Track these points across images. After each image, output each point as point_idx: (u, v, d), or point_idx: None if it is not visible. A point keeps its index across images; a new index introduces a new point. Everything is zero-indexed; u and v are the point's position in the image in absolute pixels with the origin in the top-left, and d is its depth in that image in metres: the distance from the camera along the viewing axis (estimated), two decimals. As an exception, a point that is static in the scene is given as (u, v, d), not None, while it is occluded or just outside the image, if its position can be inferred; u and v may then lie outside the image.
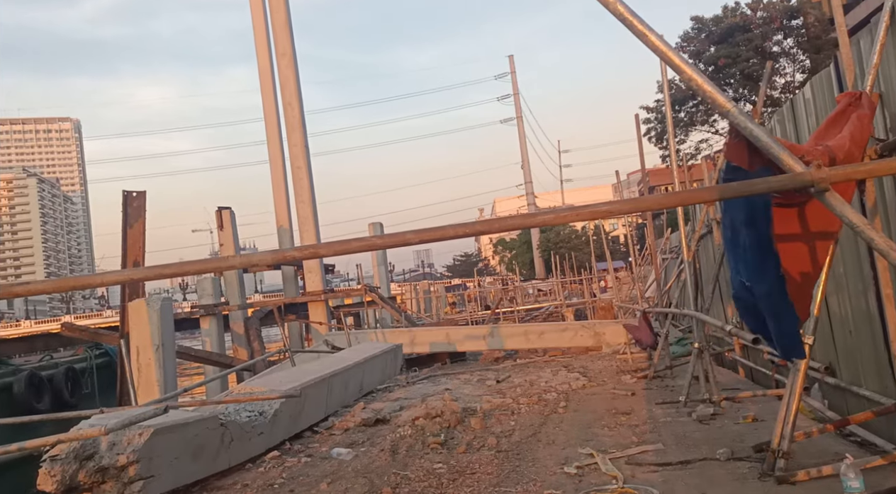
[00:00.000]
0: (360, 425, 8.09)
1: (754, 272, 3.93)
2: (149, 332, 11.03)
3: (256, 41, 24.49)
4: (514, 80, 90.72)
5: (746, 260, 3.90)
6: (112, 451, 5.06)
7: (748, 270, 3.92)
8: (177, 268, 2.86)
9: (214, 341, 20.44)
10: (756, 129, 2.64)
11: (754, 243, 3.56)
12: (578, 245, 65.89)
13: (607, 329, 15.02)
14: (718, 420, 6.63)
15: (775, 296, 3.82)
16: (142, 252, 16.07)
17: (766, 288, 3.75)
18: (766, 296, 4.02)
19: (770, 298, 3.99)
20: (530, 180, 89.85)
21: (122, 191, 16.52)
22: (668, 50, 2.73)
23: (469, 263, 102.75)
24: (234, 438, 6.34)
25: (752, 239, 3.56)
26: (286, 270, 22.99)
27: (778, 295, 3.75)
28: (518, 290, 44.09)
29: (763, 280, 3.70)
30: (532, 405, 8.66)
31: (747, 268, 3.94)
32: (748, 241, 3.61)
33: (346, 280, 73.63)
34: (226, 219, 21.31)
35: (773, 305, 4.02)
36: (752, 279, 3.91)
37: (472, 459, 6.06)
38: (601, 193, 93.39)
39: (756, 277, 3.83)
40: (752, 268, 3.97)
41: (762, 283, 3.76)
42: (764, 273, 3.67)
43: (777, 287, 3.70)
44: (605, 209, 2.96)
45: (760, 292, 3.90)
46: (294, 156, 22.59)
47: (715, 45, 36.23)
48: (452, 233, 2.82)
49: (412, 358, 15.93)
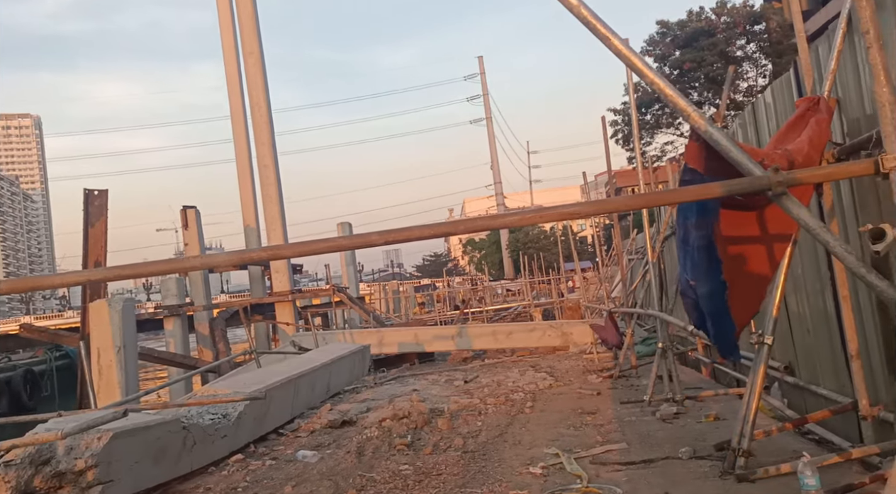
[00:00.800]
0: (327, 427, 8.03)
1: (699, 273, 4.01)
2: (110, 333, 10.81)
3: (223, 39, 24.13)
4: (484, 80, 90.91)
5: (694, 259, 3.98)
6: (70, 456, 4.94)
7: (694, 270, 4.00)
8: (137, 269, 2.80)
9: (179, 342, 20.09)
10: (716, 133, 2.68)
11: (702, 246, 3.63)
12: (547, 245, 66.32)
13: (574, 329, 15.14)
14: (681, 418, 6.72)
15: (716, 299, 3.91)
16: (103, 251, 15.77)
17: (707, 289, 3.84)
18: (707, 297, 4.12)
19: (710, 300, 4.08)
20: (500, 180, 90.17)
21: (84, 190, 16.20)
22: (631, 54, 2.75)
23: (438, 263, 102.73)
24: (197, 441, 6.24)
25: (701, 241, 3.63)
26: (253, 270, 22.73)
27: (718, 298, 3.83)
28: (487, 290, 44.24)
29: (706, 281, 3.78)
30: (499, 405, 8.68)
31: (694, 268, 4.02)
32: (697, 243, 3.68)
33: (314, 280, 73.01)
34: (190, 219, 20.98)
35: (714, 307, 4.12)
36: (697, 279, 4.00)
37: (439, 460, 6.05)
38: (570, 194, 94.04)
39: (700, 278, 3.91)
40: (697, 269, 4.05)
41: (705, 284, 3.84)
42: (708, 275, 3.75)
43: (718, 291, 3.78)
44: (570, 210, 2.98)
45: (702, 292, 3.98)
46: (261, 154, 22.33)
47: (680, 48, 36.72)
48: (418, 233, 2.81)
49: (380, 358, 15.87)
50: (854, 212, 4.61)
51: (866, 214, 4.39)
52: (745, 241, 3.73)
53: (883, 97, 2.41)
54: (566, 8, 2.83)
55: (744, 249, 3.89)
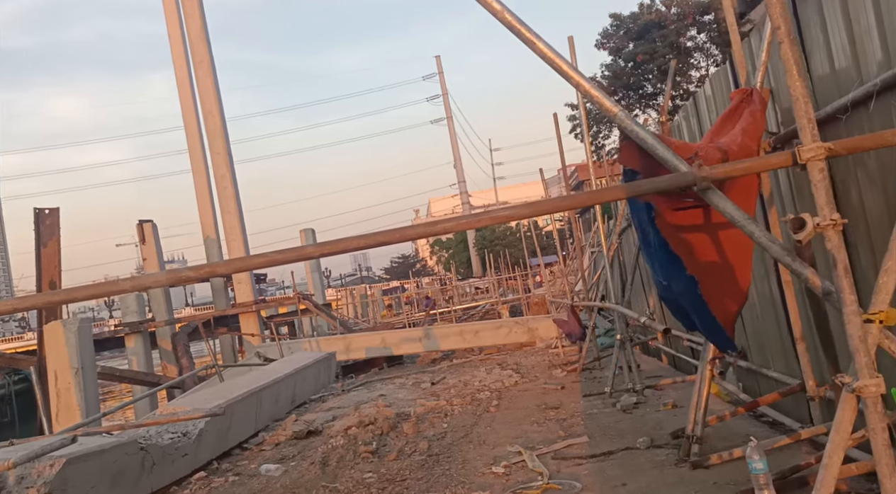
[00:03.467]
0: (292, 438, 7.96)
1: (668, 270, 3.98)
2: (66, 355, 10.56)
3: (172, 49, 23.77)
4: (443, 80, 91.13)
5: (660, 258, 3.96)
6: (21, 485, 4.81)
7: (662, 269, 3.98)
8: (65, 295, 2.74)
9: (141, 359, 19.71)
10: (642, 132, 2.72)
11: (662, 244, 3.60)
12: (513, 241, 66.62)
13: (540, 324, 15.25)
14: (641, 408, 6.82)
15: (690, 295, 3.87)
16: (57, 271, 15.38)
17: (681, 285, 3.80)
18: (683, 294, 4.07)
19: (686, 295, 4.02)
20: (463, 179, 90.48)
21: (34, 209, 15.78)
22: (556, 56, 2.78)
23: (407, 264, 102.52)
24: (156, 461, 6.13)
25: (659, 239, 3.61)
26: (215, 282, 22.40)
27: (692, 294, 3.79)
28: (455, 289, 44.28)
29: (677, 278, 3.75)
30: (465, 405, 8.70)
31: (662, 267, 4.00)
32: (656, 242, 3.66)
33: (281, 287, 72.27)
34: (148, 233, 20.61)
35: (692, 303, 4.06)
36: (668, 277, 3.96)
37: (403, 465, 6.05)
38: (533, 190, 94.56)
39: (671, 275, 3.88)
40: (665, 267, 4.02)
41: (678, 281, 3.80)
42: (676, 271, 3.70)
43: (689, 287, 3.73)
44: (505, 214, 3.00)
45: (678, 289, 3.95)
46: (217, 164, 22.05)
47: (633, 41, 37.18)
48: (354, 244, 2.80)
49: (348, 364, 15.80)
50: (792, 199, 4.72)
51: (803, 201, 4.51)
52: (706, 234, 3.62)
53: (797, 91, 2.47)
54: (490, 13, 2.84)
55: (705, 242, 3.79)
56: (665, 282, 4.19)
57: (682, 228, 3.81)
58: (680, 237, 3.53)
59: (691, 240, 3.81)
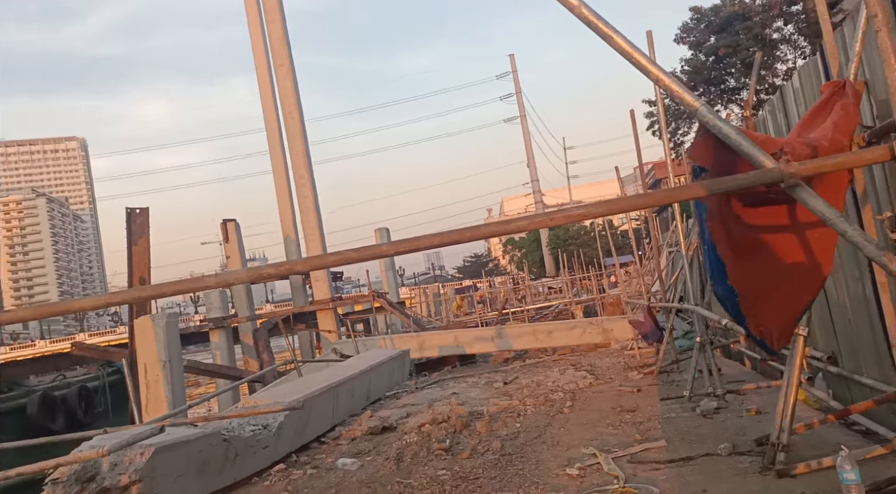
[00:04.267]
0: (367, 434, 8.10)
1: (713, 273, 3.85)
2: (155, 349, 11.08)
3: (255, 53, 24.56)
4: (516, 78, 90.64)
5: (709, 259, 3.83)
6: (114, 472, 5.08)
7: (710, 270, 3.86)
8: (154, 290, 2.88)
9: (224, 354, 20.50)
10: (724, 127, 2.63)
11: (712, 245, 3.45)
12: (588, 241, 65.66)
13: (615, 325, 14.96)
14: (722, 413, 6.60)
15: (730, 303, 3.70)
16: (147, 268, 16.17)
17: (723, 292, 3.66)
18: (723, 300, 3.91)
19: (726, 304, 3.85)
20: (536, 178, 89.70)
21: (126, 209, 16.64)
22: (634, 51, 2.72)
23: (479, 264, 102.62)
24: (239, 453, 6.36)
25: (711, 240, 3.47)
26: (294, 279, 23.02)
27: (731, 303, 3.62)
28: (528, 289, 44.00)
29: (720, 283, 3.61)
30: (538, 406, 8.64)
31: (710, 268, 3.89)
32: (709, 241, 3.53)
33: (356, 285, 73.71)
34: (231, 232, 21.38)
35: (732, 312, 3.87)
36: (713, 279, 3.85)
37: (476, 464, 6.06)
38: (607, 188, 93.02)
39: (715, 278, 3.75)
40: (711, 268, 3.89)
41: (720, 286, 3.67)
42: (720, 276, 3.54)
43: (729, 295, 3.56)
44: (579, 213, 2.96)
45: (719, 294, 3.83)
46: (296, 165, 22.64)
47: (715, 34, 36.02)
48: (428, 243, 2.83)
49: (421, 362, 15.93)
50: (888, 196, 4.46)
51: (901, 198, 4.25)
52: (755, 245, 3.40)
53: (895, 82, 2.33)
54: (566, 8, 2.81)
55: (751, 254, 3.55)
56: (712, 283, 4.08)
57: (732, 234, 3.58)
58: (728, 242, 3.37)
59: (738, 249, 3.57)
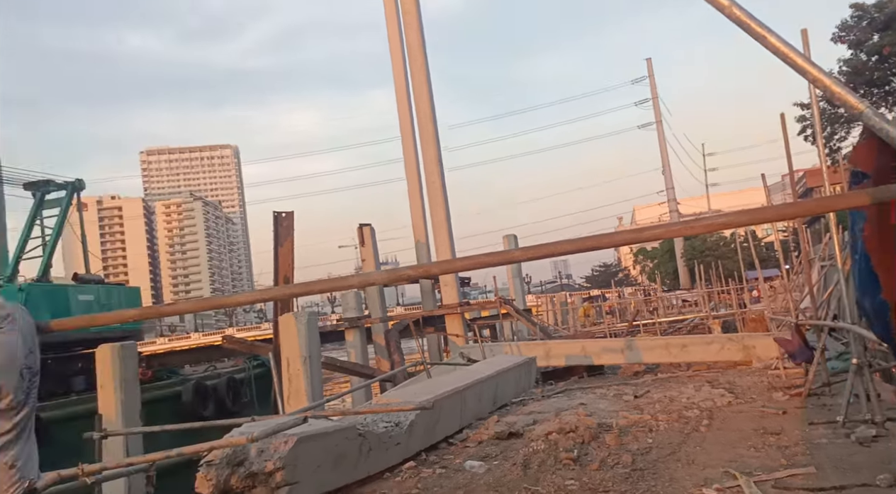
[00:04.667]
0: (494, 438, 8.14)
1: (863, 285, 3.51)
2: (297, 345, 11.73)
3: (393, 61, 25.48)
4: (653, 83, 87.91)
5: (860, 269, 3.51)
6: (260, 458, 5.43)
7: (859, 281, 3.52)
8: (303, 288, 3.07)
9: (358, 352, 21.36)
10: (894, 130, 2.43)
11: (865, 255, 3.16)
12: (727, 252, 62.35)
13: (758, 342, 14.08)
14: (881, 442, 6.05)
15: (881, 320, 3.38)
16: (291, 268, 17.18)
17: (873, 306, 3.33)
18: (872, 316, 3.58)
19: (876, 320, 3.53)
20: (672, 186, 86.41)
21: (273, 212, 17.78)
22: (790, 51, 2.58)
23: (608, 273, 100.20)
24: (372, 448, 6.60)
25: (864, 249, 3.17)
26: (424, 283, 23.60)
27: (882, 319, 3.29)
28: (660, 301, 42.41)
29: (871, 297, 3.28)
30: (672, 422, 8.31)
31: (859, 279, 3.55)
32: (861, 251, 3.23)
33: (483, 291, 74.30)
34: (366, 236, 22.26)
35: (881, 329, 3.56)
36: (861, 292, 3.50)
37: (605, 476, 5.93)
38: (750, 197, 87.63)
39: (864, 291, 3.41)
40: (861, 281, 3.55)
41: (871, 300, 3.34)
42: (872, 289, 3.23)
43: (881, 310, 3.25)
44: (721, 222, 2.83)
45: (868, 308, 3.49)
46: (429, 171, 23.22)
47: (878, 32, 33.15)
48: (559, 249, 2.83)
49: (548, 371, 15.76)
50: None
51: None
52: None
53: None
54: (716, 9, 2.71)
55: None
56: (859, 296, 3.72)
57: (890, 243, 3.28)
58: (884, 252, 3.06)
59: None
